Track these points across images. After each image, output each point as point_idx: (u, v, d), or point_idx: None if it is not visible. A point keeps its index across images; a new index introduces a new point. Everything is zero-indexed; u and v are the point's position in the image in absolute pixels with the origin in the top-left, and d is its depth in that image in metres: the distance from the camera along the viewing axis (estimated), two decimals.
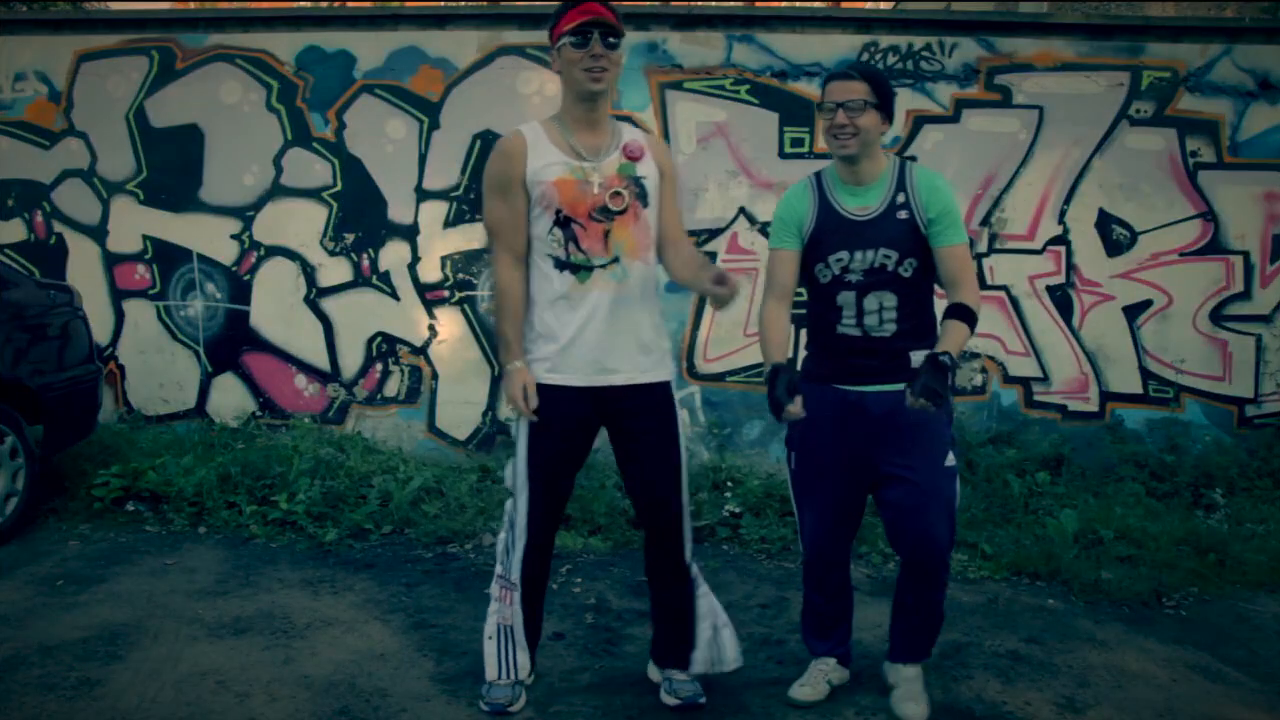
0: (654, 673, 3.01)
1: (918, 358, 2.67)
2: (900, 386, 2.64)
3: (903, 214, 2.69)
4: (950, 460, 2.72)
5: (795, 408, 2.63)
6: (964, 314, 2.66)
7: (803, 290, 2.88)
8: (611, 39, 2.56)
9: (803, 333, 3.03)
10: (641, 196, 2.68)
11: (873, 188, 2.74)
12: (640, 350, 2.70)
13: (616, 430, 2.77)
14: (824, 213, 2.77)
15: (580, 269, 2.63)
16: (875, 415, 2.71)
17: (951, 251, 2.67)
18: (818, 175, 2.86)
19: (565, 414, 2.67)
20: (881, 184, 2.75)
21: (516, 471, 2.76)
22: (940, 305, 2.75)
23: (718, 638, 2.89)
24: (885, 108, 2.71)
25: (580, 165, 2.63)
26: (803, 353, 3.00)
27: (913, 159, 2.80)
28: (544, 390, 2.66)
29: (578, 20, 2.53)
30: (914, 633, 2.89)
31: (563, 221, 2.62)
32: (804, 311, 2.92)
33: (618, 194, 2.63)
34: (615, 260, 2.64)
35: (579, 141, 2.65)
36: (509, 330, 2.69)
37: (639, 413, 2.73)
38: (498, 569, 2.86)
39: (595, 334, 2.65)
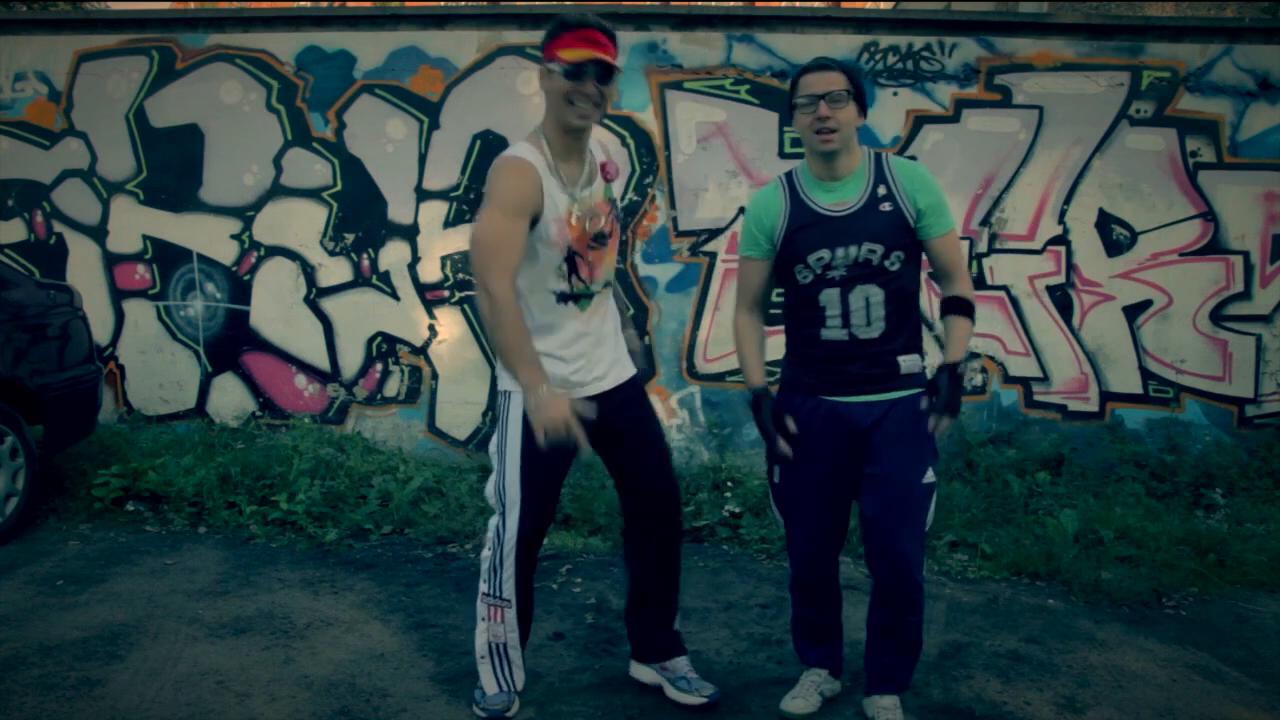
0: (646, 673, 2.97)
1: (906, 363, 2.62)
2: (888, 396, 2.60)
3: (886, 206, 2.58)
4: (930, 477, 2.63)
5: (785, 446, 2.67)
6: (964, 308, 2.64)
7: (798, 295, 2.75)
8: (606, 77, 2.52)
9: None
10: (619, 216, 2.78)
11: (848, 181, 2.61)
12: (617, 351, 2.80)
13: (608, 432, 2.69)
14: (798, 212, 2.64)
15: (581, 298, 2.66)
16: (863, 427, 2.62)
17: (944, 241, 2.62)
18: (788, 175, 2.73)
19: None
20: (859, 177, 2.62)
21: (505, 488, 2.69)
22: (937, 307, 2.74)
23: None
24: (861, 100, 2.59)
25: (576, 200, 2.61)
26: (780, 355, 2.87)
27: (913, 158, 2.74)
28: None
29: (576, 58, 2.47)
30: (888, 656, 2.76)
31: (569, 257, 2.62)
32: (780, 314, 2.80)
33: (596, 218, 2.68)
34: (606, 284, 2.73)
35: (566, 172, 2.61)
36: (528, 348, 2.52)
37: (627, 406, 2.78)
38: (483, 587, 2.76)
39: (595, 353, 2.72)
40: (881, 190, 2.59)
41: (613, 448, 2.79)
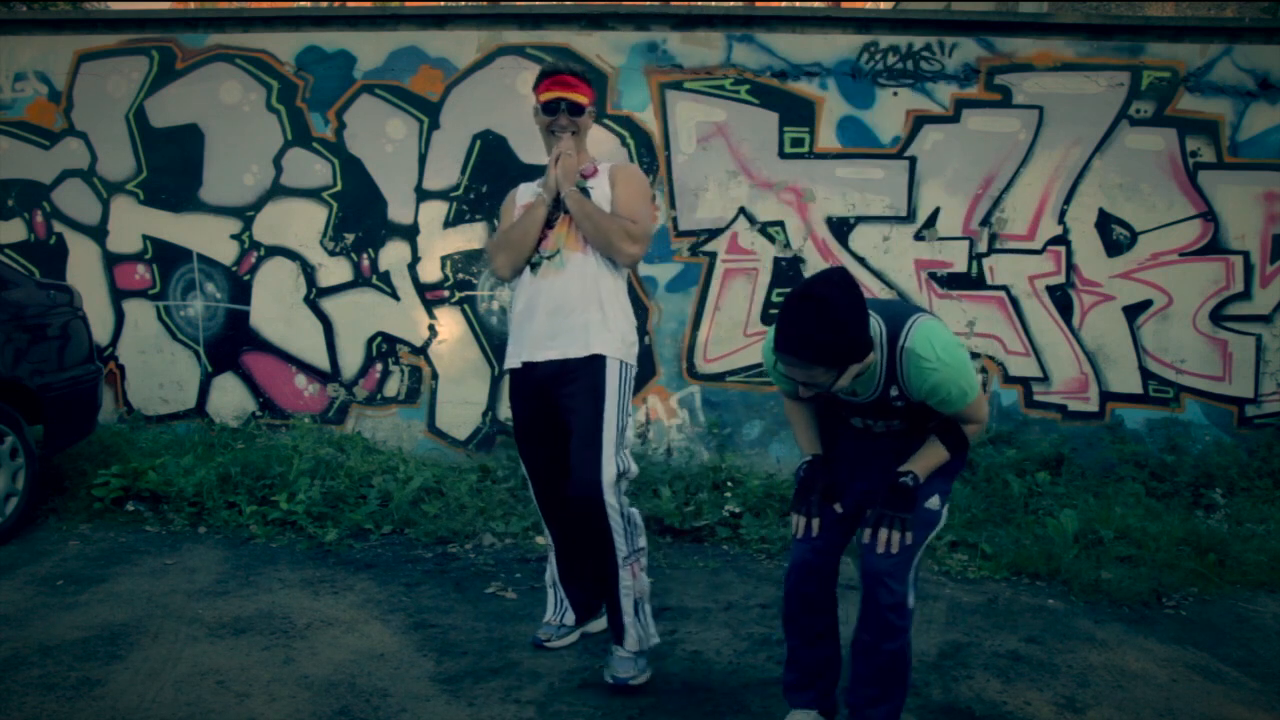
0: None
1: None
2: (901, 441, 2.57)
3: (898, 402, 2.47)
4: (933, 503, 2.53)
5: (804, 525, 2.56)
6: (951, 439, 2.50)
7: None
8: (576, 110, 3.05)
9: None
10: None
11: (859, 381, 2.45)
12: (577, 329, 2.97)
13: (555, 404, 3.02)
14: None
15: (535, 266, 3.04)
16: (882, 463, 2.57)
17: (957, 415, 2.48)
18: None
19: (519, 392, 3.09)
20: (870, 378, 2.44)
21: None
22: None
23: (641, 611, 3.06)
24: (854, 358, 2.29)
25: (542, 191, 3.10)
26: None
27: (919, 310, 2.47)
28: (509, 375, 3.13)
29: (548, 98, 3.04)
30: (866, 686, 2.54)
31: None
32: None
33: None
34: (557, 253, 3.01)
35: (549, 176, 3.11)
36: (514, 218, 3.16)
37: (569, 384, 2.96)
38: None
39: (539, 317, 2.99)
40: (894, 390, 2.45)
41: (549, 424, 3.07)
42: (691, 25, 5.39)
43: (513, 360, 3.06)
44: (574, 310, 2.96)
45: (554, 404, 3.01)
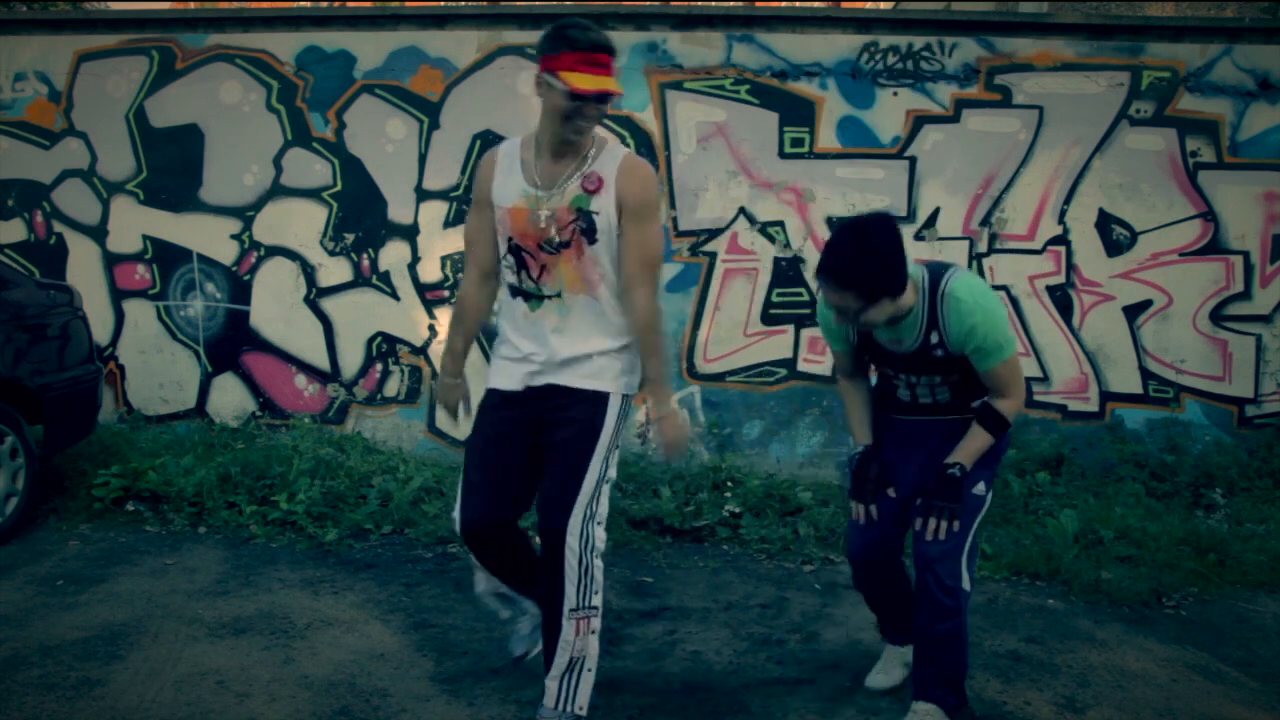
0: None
1: (975, 404, 2.68)
2: (951, 417, 2.70)
3: (939, 351, 2.59)
4: (979, 489, 2.66)
5: (861, 512, 2.77)
6: (993, 421, 2.62)
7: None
8: (603, 99, 2.45)
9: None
10: (587, 232, 2.53)
11: (903, 326, 2.59)
12: (583, 363, 2.61)
13: (540, 418, 2.65)
14: (862, 338, 2.72)
15: (531, 297, 2.60)
16: (930, 442, 2.73)
17: (994, 372, 2.58)
18: None
19: (508, 400, 2.64)
20: (913, 324, 2.58)
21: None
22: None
23: (573, 675, 2.63)
24: (888, 291, 2.44)
25: (535, 194, 2.54)
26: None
27: (947, 266, 2.57)
28: (491, 394, 2.69)
29: (583, 88, 2.38)
30: (924, 666, 2.73)
31: (514, 248, 2.60)
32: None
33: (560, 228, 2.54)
34: (558, 294, 2.58)
35: (542, 168, 2.55)
36: (456, 342, 2.78)
37: (567, 409, 2.60)
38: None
39: (542, 343, 2.60)
40: (934, 338, 2.58)
41: (526, 435, 2.67)
42: (691, 25, 5.39)
43: (506, 382, 2.65)
44: (579, 346, 2.59)
45: (538, 418, 2.64)
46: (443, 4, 5.57)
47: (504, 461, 2.64)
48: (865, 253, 2.40)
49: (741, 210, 5.44)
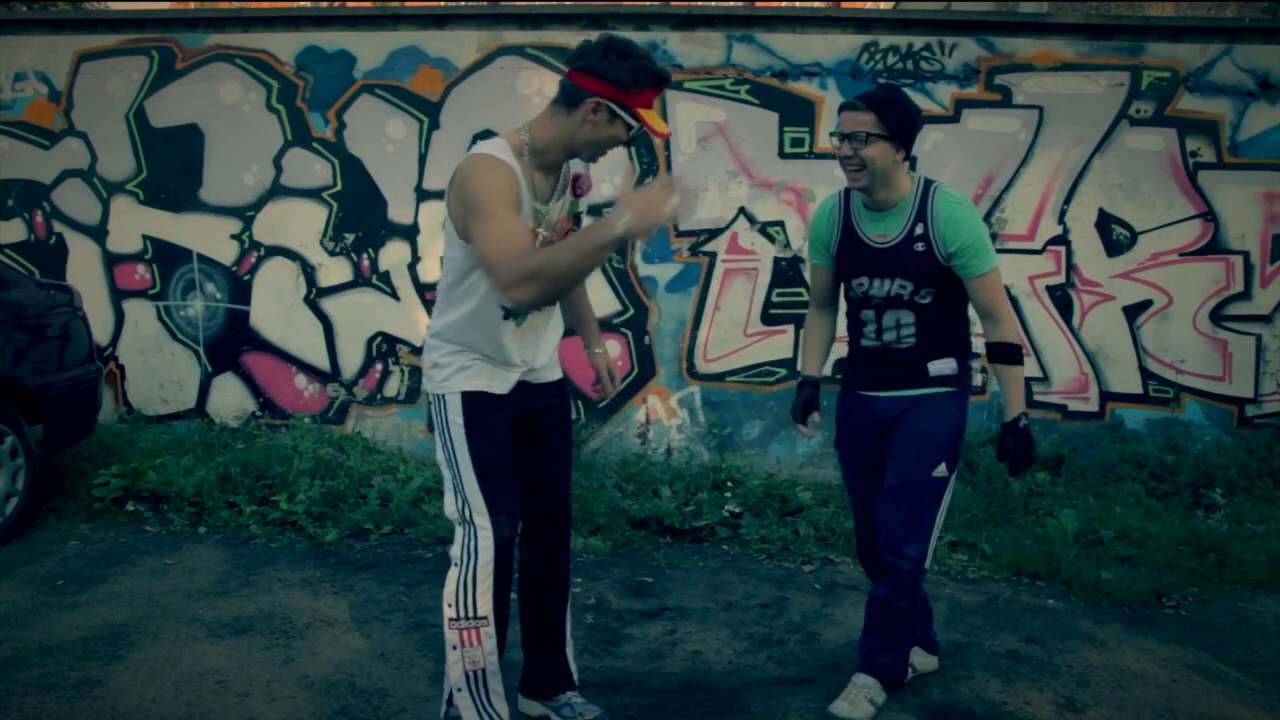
0: (533, 707, 2.79)
1: (936, 367, 2.75)
2: (912, 393, 2.75)
3: (920, 246, 2.66)
4: (941, 471, 2.75)
5: (806, 429, 2.90)
6: (1009, 354, 2.69)
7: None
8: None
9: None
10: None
11: (892, 214, 2.71)
12: (552, 350, 2.66)
13: (530, 426, 2.62)
14: (847, 236, 2.80)
15: (517, 315, 2.48)
16: (885, 418, 2.80)
17: (980, 282, 2.67)
18: (846, 193, 2.83)
19: (502, 419, 2.53)
20: (901, 212, 2.70)
21: (468, 498, 2.48)
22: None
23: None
24: (899, 136, 2.60)
25: (538, 210, 2.43)
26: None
27: (934, 183, 2.70)
28: (481, 399, 2.50)
29: (663, 129, 2.34)
30: (873, 636, 2.86)
31: None
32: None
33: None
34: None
35: (539, 182, 2.43)
36: (574, 237, 2.33)
37: (550, 399, 2.65)
38: (449, 613, 2.48)
39: (525, 339, 2.54)
40: (919, 229, 2.68)
41: (528, 446, 2.64)
42: (691, 25, 5.38)
43: (500, 386, 2.52)
44: (550, 342, 2.63)
45: (521, 414, 2.59)
46: (443, 4, 5.57)
47: (514, 470, 2.59)
48: (897, 93, 2.66)
49: (741, 210, 5.44)
